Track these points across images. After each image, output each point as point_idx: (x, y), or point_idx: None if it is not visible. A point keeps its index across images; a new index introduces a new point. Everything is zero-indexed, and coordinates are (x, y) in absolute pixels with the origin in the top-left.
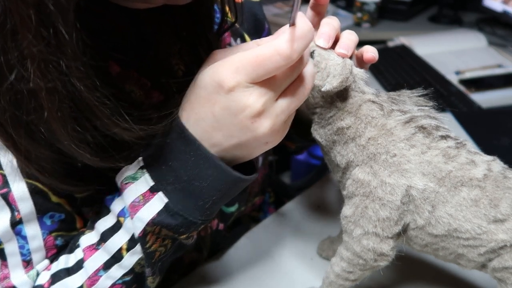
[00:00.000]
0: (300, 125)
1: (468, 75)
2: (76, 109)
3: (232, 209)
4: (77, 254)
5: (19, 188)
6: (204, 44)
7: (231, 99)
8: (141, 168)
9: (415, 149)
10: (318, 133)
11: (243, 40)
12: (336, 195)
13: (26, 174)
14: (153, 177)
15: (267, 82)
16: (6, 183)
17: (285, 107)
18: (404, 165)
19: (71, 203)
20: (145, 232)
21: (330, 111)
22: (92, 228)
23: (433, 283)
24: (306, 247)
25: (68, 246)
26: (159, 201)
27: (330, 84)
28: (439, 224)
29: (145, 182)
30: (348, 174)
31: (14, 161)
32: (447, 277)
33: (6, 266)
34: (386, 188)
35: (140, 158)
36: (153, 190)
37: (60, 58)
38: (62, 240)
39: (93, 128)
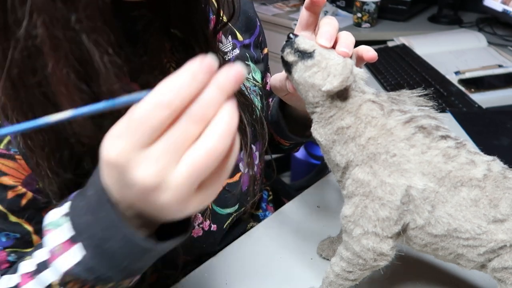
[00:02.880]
0: (294, 122)
1: (468, 75)
2: (80, 68)
3: (229, 210)
4: (15, 278)
5: None
6: (201, 41)
7: (118, 172)
8: (65, 215)
9: (415, 149)
10: (318, 132)
11: (235, 38)
12: (336, 195)
13: None
14: (74, 227)
15: (161, 143)
16: None
17: (185, 175)
18: (404, 165)
19: (33, 223)
20: (64, 281)
21: (330, 110)
22: (31, 255)
23: (433, 283)
24: (306, 247)
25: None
26: (77, 252)
27: (330, 84)
28: (439, 224)
29: (65, 230)
30: (348, 174)
31: None
32: (447, 277)
33: None
34: (386, 188)
35: (67, 204)
36: (73, 240)
37: (69, 12)
38: (15, 256)
39: (92, 92)
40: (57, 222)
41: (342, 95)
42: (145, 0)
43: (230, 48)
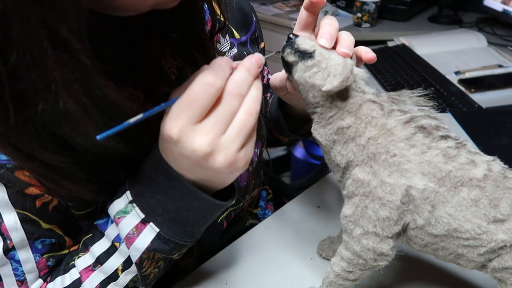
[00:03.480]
0: (293, 121)
1: (468, 75)
2: (104, 109)
3: None
4: (73, 275)
5: (10, 219)
6: (197, 44)
7: (179, 146)
8: (130, 202)
9: (415, 149)
10: (319, 132)
11: (232, 36)
12: (336, 195)
13: (20, 206)
14: (142, 210)
15: (210, 118)
16: None
17: (233, 137)
18: (404, 165)
19: (62, 227)
20: (141, 260)
21: (330, 110)
22: (85, 250)
23: (433, 283)
24: (306, 247)
25: (61, 266)
26: (151, 231)
27: (330, 84)
28: (439, 224)
29: (136, 215)
30: (348, 174)
31: (5, 195)
32: (447, 277)
33: (2, 286)
34: (386, 188)
35: (128, 192)
36: (144, 222)
37: (81, 74)
38: (54, 260)
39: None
40: (125, 210)
41: (342, 95)
42: (145, 11)
43: (228, 47)
